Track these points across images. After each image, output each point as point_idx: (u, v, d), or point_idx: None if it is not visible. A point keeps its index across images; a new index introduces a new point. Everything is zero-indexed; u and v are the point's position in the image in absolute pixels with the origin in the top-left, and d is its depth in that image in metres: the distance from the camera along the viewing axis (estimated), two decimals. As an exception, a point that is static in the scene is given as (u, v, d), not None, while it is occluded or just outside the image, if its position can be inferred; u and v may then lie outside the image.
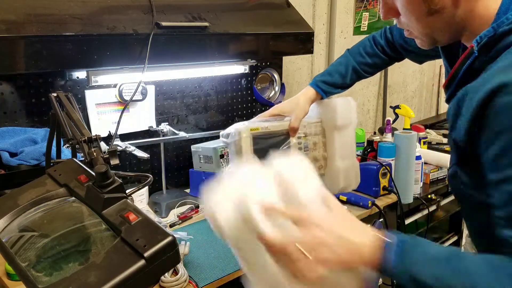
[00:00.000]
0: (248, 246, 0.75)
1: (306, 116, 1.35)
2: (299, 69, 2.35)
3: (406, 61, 1.43)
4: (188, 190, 1.88)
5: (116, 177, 0.75)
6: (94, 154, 0.80)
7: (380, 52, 1.39)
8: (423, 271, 0.67)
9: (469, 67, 0.78)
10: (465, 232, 2.62)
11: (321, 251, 0.68)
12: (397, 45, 1.36)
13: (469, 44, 0.80)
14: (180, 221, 1.59)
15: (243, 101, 2.08)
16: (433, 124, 3.00)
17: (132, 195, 0.85)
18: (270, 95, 2.19)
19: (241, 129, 1.25)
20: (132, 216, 0.70)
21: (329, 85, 1.37)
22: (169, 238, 0.65)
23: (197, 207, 1.67)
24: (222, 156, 1.76)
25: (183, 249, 1.33)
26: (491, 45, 0.74)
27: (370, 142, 2.05)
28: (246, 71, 1.95)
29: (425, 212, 2.01)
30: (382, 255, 0.69)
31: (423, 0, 0.77)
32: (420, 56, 1.34)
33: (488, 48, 0.74)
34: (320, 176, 0.79)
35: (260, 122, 1.30)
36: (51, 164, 1.09)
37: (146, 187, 1.71)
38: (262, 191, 0.73)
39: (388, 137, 2.34)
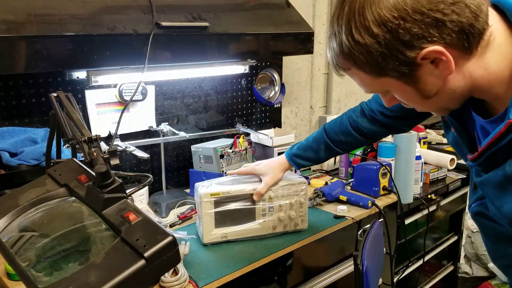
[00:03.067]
0: None
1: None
2: (299, 69, 2.35)
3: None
4: (188, 190, 1.88)
5: (116, 177, 0.75)
6: (94, 154, 0.80)
7: (354, 132, 1.37)
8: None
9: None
10: (465, 232, 2.62)
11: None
12: (378, 115, 1.32)
13: (483, 97, 0.79)
14: (180, 221, 1.59)
15: (243, 101, 2.08)
16: (433, 124, 3.00)
17: (132, 195, 0.85)
18: (270, 95, 2.20)
19: (202, 194, 1.37)
20: (132, 216, 0.70)
21: (303, 159, 1.45)
22: (169, 238, 0.65)
23: (197, 207, 1.67)
24: (222, 156, 1.76)
25: (183, 249, 1.33)
26: None
27: (370, 142, 2.05)
28: (246, 71, 1.95)
29: (425, 212, 2.01)
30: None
31: (415, 92, 0.77)
32: (406, 119, 1.29)
33: None
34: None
35: (224, 186, 1.42)
36: (51, 164, 1.09)
37: (146, 187, 1.71)
38: None
39: (388, 137, 2.34)
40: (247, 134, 1.97)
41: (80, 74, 1.52)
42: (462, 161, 2.10)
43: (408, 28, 0.68)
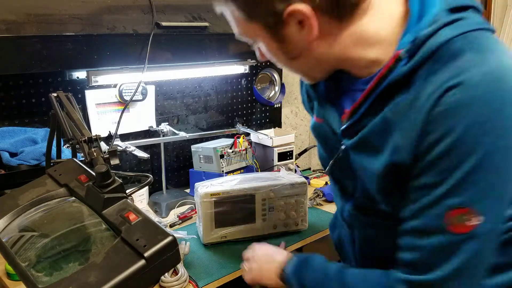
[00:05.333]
0: None
1: (277, 180, 1.45)
2: (299, 69, 2.35)
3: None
4: (188, 190, 1.88)
5: (116, 177, 0.75)
6: (94, 154, 0.80)
7: None
8: (311, 283, 0.87)
9: (392, 79, 0.69)
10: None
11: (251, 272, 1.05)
12: None
13: (357, 71, 0.76)
14: (180, 221, 1.59)
15: (243, 101, 2.08)
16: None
17: (132, 195, 0.85)
18: (270, 95, 2.20)
19: (202, 194, 1.37)
20: (132, 216, 0.70)
21: None
22: (169, 238, 0.65)
23: (197, 207, 1.67)
24: (222, 156, 1.76)
25: (183, 249, 1.33)
26: (413, 52, 0.67)
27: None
28: (246, 71, 1.95)
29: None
30: (284, 274, 0.93)
31: (280, 49, 0.75)
32: None
33: (411, 56, 0.68)
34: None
35: (224, 186, 1.41)
36: (51, 164, 1.09)
37: (146, 187, 1.71)
38: None
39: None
40: (247, 134, 1.97)
41: (80, 74, 1.52)
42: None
43: None
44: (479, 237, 0.66)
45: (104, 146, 1.40)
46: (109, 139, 1.64)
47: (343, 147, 0.82)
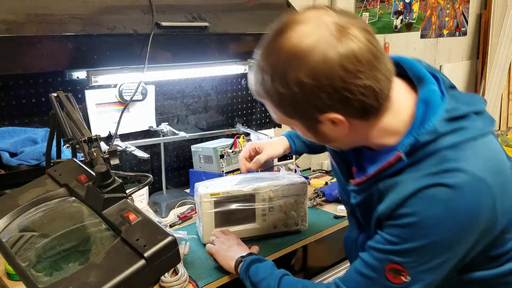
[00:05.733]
0: None
1: (277, 180, 1.46)
2: (299, 69, 2.35)
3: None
4: (188, 190, 1.88)
5: (116, 177, 0.75)
6: (94, 154, 0.80)
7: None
8: (254, 277, 1.10)
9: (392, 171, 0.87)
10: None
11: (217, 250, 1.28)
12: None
13: (371, 147, 0.93)
14: (180, 221, 1.59)
15: (243, 101, 2.08)
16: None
17: (132, 195, 0.85)
18: (270, 95, 2.19)
19: (202, 194, 1.37)
20: (132, 216, 0.70)
21: (300, 141, 1.45)
22: (169, 238, 0.65)
23: (197, 207, 1.67)
24: (222, 156, 1.76)
25: (183, 249, 1.33)
26: (412, 152, 0.83)
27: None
28: (246, 71, 1.95)
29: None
30: (238, 268, 1.17)
31: (315, 137, 0.91)
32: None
33: (408, 154, 0.84)
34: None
35: (224, 186, 1.41)
36: (51, 164, 1.09)
37: (146, 187, 1.71)
38: None
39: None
40: (247, 134, 1.97)
41: (80, 74, 1.52)
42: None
43: (321, 97, 0.79)
44: None
45: (104, 146, 1.40)
46: (109, 139, 1.64)
47: (352, 202, 1.00)
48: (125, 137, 1.70)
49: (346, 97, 0.79)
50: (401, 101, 0.87)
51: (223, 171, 1.76)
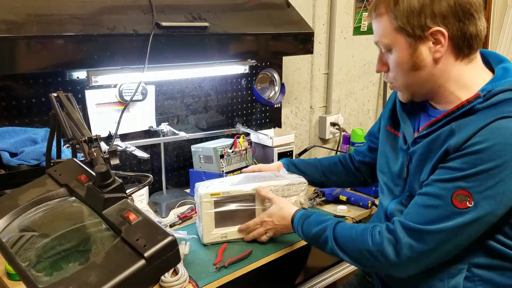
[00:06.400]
0: None
1: (278, 180, 1.49)
2: (299, 69, 2.35)
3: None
4: (188, 190, 1.88)
5: (116, 177, 0.75)
6: (94, 154, 0.80)
7: (339, 164, 1.55)
8: (306, 228, 1.22)
9: (466, 110, 0.99)
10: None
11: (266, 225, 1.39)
12: (357, 161, 1.51)
13: (436, 104, 1.08)
14: (180, 221, 1.59)
15: (243, 101, 2.08)
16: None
17: (132, 195, 0.86)
18: (270, 95, 2.20)
19: (202, 194, 1.38)
20: (132, 216, 0.70)
21: (293, 165, 1.56)
22: (169, 238, 0.65)
23: (197, 207, 1.67)
24: (222, 156, 1.76)
25: (183, 249, 1.33)
26: (489, 97, 0.97)
27: (370, 142, 2.05)
28: (246, 71, 1.95)
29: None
30: (292, 223, 1.30)
31: (410, 55, 1.01)
32: (369, 167, 1.48)
33: (485, 100, 0.97)
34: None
35: (224, 186, 1.42)
36: (51, 164, 1.09)
37: (146, 187, 1.71)
38: None
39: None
40: (247, 134, 1.97)
41: (80, 74, 1.52)
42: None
43: (442, 4, 0.94)
44: (465, 217, 0.94)
45: (104, 146, 1.40)
46: (109, 139, 1.64)
47: (410, 150, 1.09)
48: (125, 137, 1.70)
49: (464, 14, 0.95)
50: (482, 65, 1.05)
51: (223, 171, 1.76)
